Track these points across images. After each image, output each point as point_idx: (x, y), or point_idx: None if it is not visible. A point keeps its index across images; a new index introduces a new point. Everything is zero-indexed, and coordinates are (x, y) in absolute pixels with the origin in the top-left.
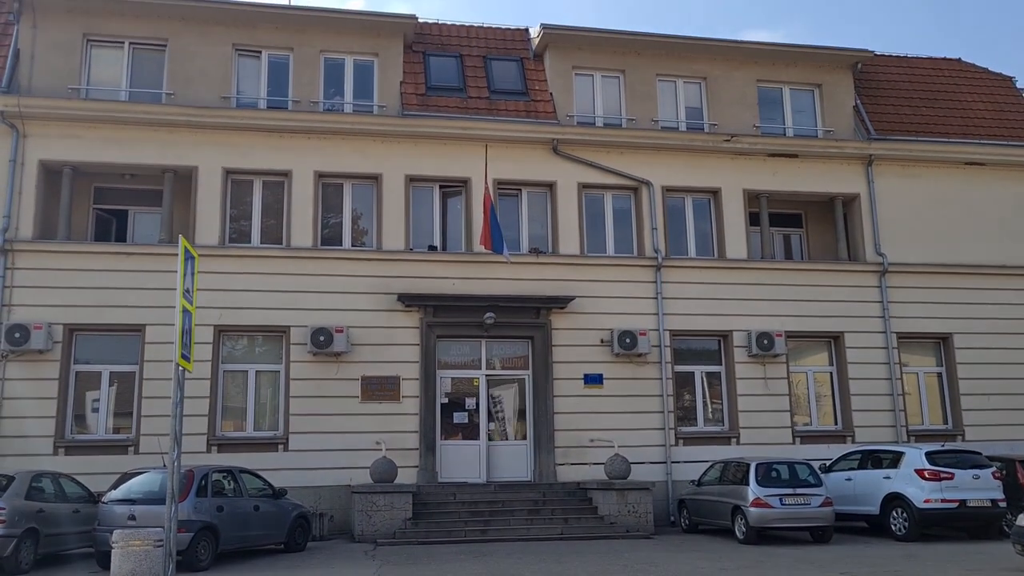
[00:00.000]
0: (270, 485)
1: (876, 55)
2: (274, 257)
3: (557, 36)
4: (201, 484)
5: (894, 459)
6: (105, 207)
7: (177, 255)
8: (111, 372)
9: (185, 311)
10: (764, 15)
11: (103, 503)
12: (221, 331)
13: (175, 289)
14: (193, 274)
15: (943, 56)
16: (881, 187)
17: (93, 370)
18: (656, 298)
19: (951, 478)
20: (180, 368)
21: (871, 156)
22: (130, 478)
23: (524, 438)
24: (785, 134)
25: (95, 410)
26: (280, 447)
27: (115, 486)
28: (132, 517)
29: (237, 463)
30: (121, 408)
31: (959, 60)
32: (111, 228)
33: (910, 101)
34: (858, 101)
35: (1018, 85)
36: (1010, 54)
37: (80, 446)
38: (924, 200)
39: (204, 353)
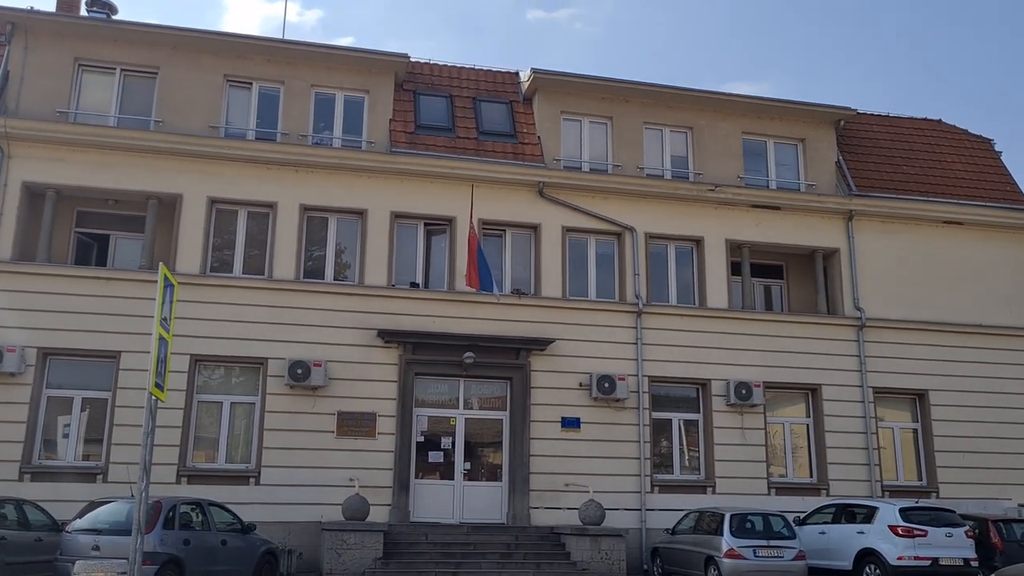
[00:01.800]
0: (239, 519)
1: (859, 113)
2: (255, 288)
3: (547, 81)
4: (168, 516)
5: (868, 514)
6: (87, 231)
7: (157, 282)
8: (83, 398)
9: (161, 339)
10: (750, 66)
11: (67, 532)
12: (198, 360)
13: (153, 316)
14: (172, 302)
15: (924, 116)
16: (861, 242)
17: (65, 395)
18: (636, 344)
19: (924, 535)
20: (153, 397)
21: (852, 211)
22: (96, 507)
23: (499, 480)
24: (768, 186)
25: (65, 436)
26: (251, 480)
27: (81, 515)
28: (96, 547)
29: (207, 495)
30: (92, 435)
31: (939, 121)
32: (92, 252)
33: (891, 159)
34: (840, 157)
35: (996, 147)
36: (987, 116)
37: (47, 472)
38: (903, 257)
39: (179, 382)
